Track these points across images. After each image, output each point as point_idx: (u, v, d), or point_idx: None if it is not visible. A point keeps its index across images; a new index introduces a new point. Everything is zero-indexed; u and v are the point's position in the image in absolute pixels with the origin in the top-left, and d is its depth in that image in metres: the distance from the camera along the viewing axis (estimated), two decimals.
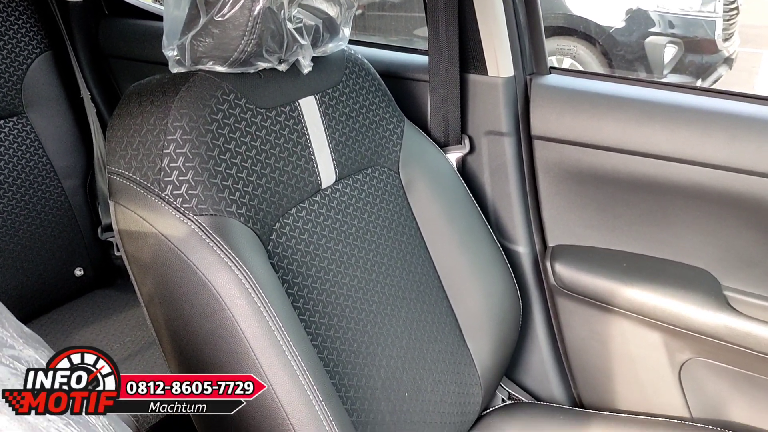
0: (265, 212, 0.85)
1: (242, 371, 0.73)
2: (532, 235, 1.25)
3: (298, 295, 0.86)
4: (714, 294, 1.09)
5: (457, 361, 1.09)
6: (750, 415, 1.13)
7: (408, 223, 1.08)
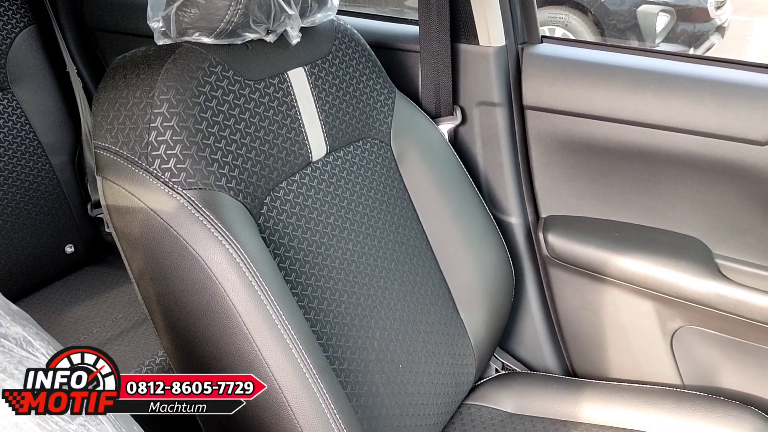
0: (255, 186, 0.84)
1: (234, 345, 0.73)
2: (524, 206, 1.25)
3: (290, 269, 0.86)
4: (705, 262, 1.09)
5: (451, 332, 1.09)
6: (740, 382, 1.14)
7: (400, 195, 1.08)
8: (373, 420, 0.90)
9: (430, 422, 1.02)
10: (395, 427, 0.94)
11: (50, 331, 1.15)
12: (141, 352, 1.17)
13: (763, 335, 1.06)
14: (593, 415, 1.10)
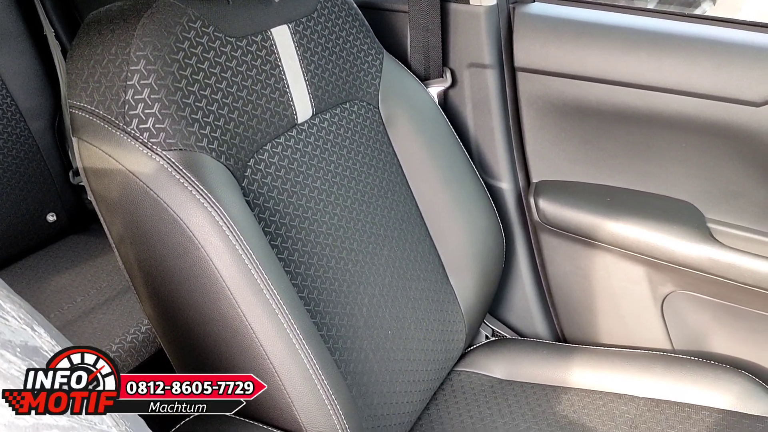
0: (239, 147, 0.81)
1: (218, 311, 0.71)
2: (515, 170, 1.23)
3: (275, 234, 0.83)
4: (697, 226, 1.08)
5: (441, 298, 1.08)
6: (730, 346, 1.14)
7: (389, 159, 1.05)
8: (362, 386, 0.89)
9: (419, 388, 1.01)
10: (385, 393, 0.93)
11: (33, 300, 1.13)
12: (126, 321, 1.15)
13: (754, 299, 1.05)
14: (583, 380, 1.10)
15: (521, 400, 1.08)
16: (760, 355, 1.11)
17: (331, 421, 0.74)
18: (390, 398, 0.94)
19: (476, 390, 1.12)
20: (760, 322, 1.08)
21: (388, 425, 0.93)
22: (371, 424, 0.89)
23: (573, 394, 1.08)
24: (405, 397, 0.97)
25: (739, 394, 1.02)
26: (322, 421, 0.74)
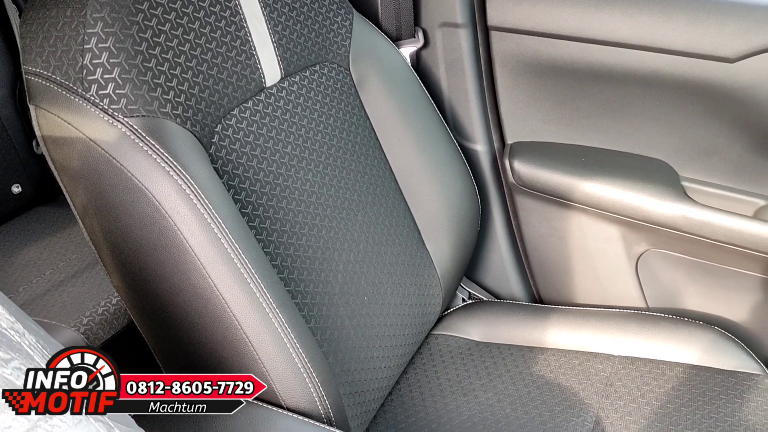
0: (205, 113, 0.78)
1: (188, 282, 0.69)
2: (490, 132, 1.21)
3: (246, 201, 0.81)
4: (672, 185, 1.08)
5: (417, 263, 1.07)
6: (703, 302, 1.15)
7: (361, 123, 1.03)
8: (339, 353, 0.88)
9: (397, 353, 1.01)
10: (362, 359, 0.92)
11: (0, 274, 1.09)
12: (97, 293, 1.12)
13: (726, 256, 1.06)
14: (559, 340, 1.10)
15: (498, 362, 1.09)
16: (732, 311, 1.13)
17: (308, 389, 0.73)
18: (367, 364, 0.93)
19: (454, 353, 1.12)
20: (732, 278, 1.09)
21: (366, 390, 0.93)
22: (349, 390, 0.88)
23: (549, 354, 1.09)
24: (383, 362, 0.97)
25: (712, 349, 1.04)
26: (298, 390, 0.73)
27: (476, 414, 0.99)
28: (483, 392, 1.03)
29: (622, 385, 1.00)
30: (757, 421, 0.91)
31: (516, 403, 1.00)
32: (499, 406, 0.99)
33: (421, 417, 1.00)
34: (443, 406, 1.01)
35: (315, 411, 0.74)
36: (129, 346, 0.97)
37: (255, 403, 0.72)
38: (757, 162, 1.04)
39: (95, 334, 1.05)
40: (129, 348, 0.99)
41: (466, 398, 1.02)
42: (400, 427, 0.98)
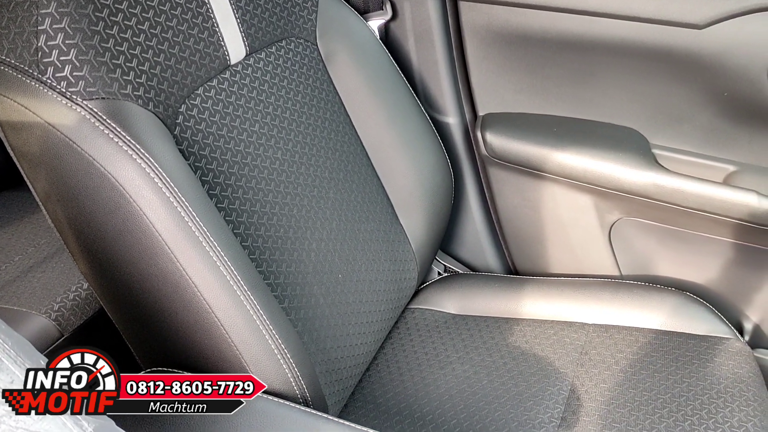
0: (168, 93, 0.76)
1: (156, 266, 0.68)
2: (461, 104, 1.21)
3: (213, 183, 0.80)
4: (643, 153, 1.08)
5: (391, 239, 1.07)
6: (675, 269, 1.16)
7: (330, 99, 1.01)
8: (314, 332, 0.88)
9: (373, 329, 1.01)
10: (338, 336, 0.92)
11: None
12: (67, 278, 1.10)
13: (697, 222, 1.07)
14: (534, 310, 1.11)
15: (474, 334, 1.09)
16: (704, 277, 1.14)
17: (282, 370, 0.73)
18: (343, 341, 0.93)
19: (430, 326, 1.12)
20: (703, 244, 1.11)
21: (343, 368, 0.93)
22: (325, 368, 0.88)
23: (525, 324, 1.09)
24: (359, 338, 0.97)
25: (684, 315, 1.05)
26: (272, 371, 0.72)
27: (453, 386, 0.99)
28: (460, 365, 1.03)
29: (597, 353, 1.01)
30: (728, 384, 0.93)
31: (493, 374, 1.00)
32: (476, 378, 1.00)
33: (399, 391, 1.00)
34: (421, 379, 1.02)
35: (291, 392, 0.74)
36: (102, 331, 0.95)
37: None
38: (726, 128, 1.05)
39: (67, 321, 1.03)
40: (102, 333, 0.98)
41: (443, 371, 1.02)
42: (378, 403, 0.99)
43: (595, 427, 0.89)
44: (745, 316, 1.15)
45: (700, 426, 0.87)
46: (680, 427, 0.88)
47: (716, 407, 0.90)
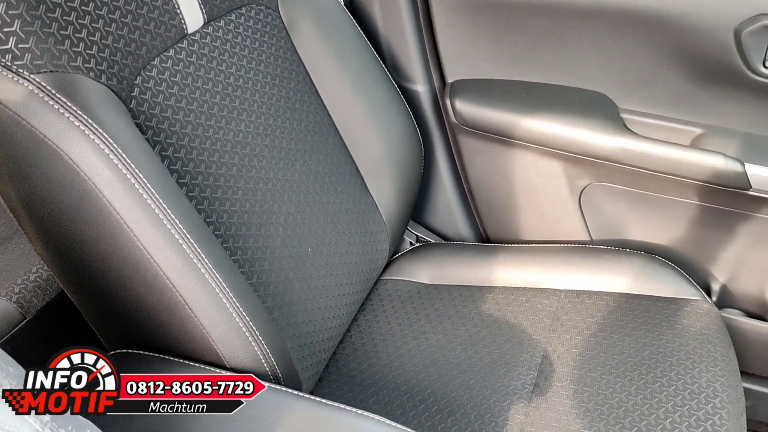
0: (121, 65, 0.73)
1: (116, 246, 0.66)
2: (429, 71, 1.18)
3: (174, 157, 0.77)
4: (611, 117, 1.08)
5: (361, 210, 1.05)
6: (644, 232, 1.17)
7: (294, 68, 0.99)
8: (284, 307, 0.86)
9: (346, 301, 1.00)
10: (309, 311, 0.91)
11: None
12: (28, 260, 1.07)
13: (666, 186, 1.07)
14: (507, 278, 1.11)
15: (447, 303, 1.09)
16: (672, 239, 1.15)
17: (251, 347, 0.72)
18: (315, 315, 0.92)
19: (403, 297, 1.12)
20: (671, 207, 1.11)
21: (316, 341, 0.92)
22: (297, 343, 0.87)
23: (497, 292, 1.09)
24: (331, 312, 0.96)
25: (653, 278, 1.06)
26: (241, 349, 0.71)
27: (427, 356, 0.99)
28: (433, 334, 1.03)
29: (568, 319, 1.02)
30: (696, 345, 0.94)
31: (466, 343, 1.00)
32: (450, 347, 1.00)
33: (373, 363, 1.00)
34: (395, 350, 1.01)
35: (261, 369, 0.73)
36: (66, 312, 0.93)
37: (197, 366, 0.70)
38: (693, 91, 1.04)
39: (29, 303, 1.00)
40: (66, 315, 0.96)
41: (417, 341, 1.02)
42: (353, 375, 0.98)
43: (567, 391, 0.90)
44: (712, 277, 1.16)
45: (670, 387, 0.88)
46: (650, 389, 0.89)
47: (685, 368, 0.91)
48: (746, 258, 1.12)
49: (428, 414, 0.89)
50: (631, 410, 0.86)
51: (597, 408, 0.87)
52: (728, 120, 1.05)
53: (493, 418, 0.87)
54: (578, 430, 0.85)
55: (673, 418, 0.85)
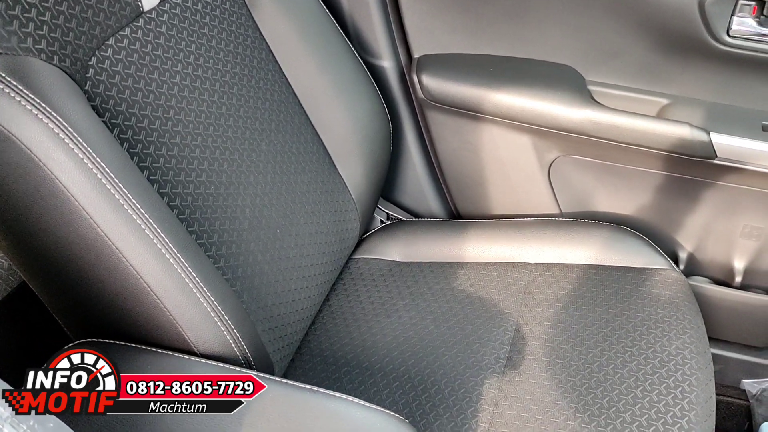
0: (75, 45, 0.70)
1: (76, 233, 0.64)
2: (395, 47, 1.17)
3: (133, 140, 0.75)
4: (579, 90, 1.08)
5: (329, 189, 1.04)
6: (613, 204, 1.18)
7: (257, 46, 0.96)
8: (254, 290, 0.85)
9: (316, 282, 0.99)
10: (279, 293, 0.90)
11: None
12: None
13: (633, 157, 1.08)
14: (478, 253, 1.11)
15: (420, 280, 1.09)
16: (641, 210, 1.16)
17: (220, 332, 0.70)
18: (286, 297, 0.91)
19: (375, 275, 1.11)
20: (639, 178, 1.12)
21: (287, 323, 0.91)
22: (268, 326, 0.86)
23: (469, 268, 1.09)
24: (302, 293, 0.95)
25: (622, 249, 1.07)
26: (210, 334, 0.70)
27: (400, 334, 0.99)
28: (406, 312, 1.03)
29: (540, 292, 1.02)
30: (665, 314, 0.95)
31: (439, 319, 1.00)
32: (423, 324, 1.00)
33: (345, 343, 0.99)
34: (367, 329, 1.01)
35: (231, 354, 0.72)
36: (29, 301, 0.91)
37: (165, 353, 0.68)
38: (658, 61, 1.05)
39: None
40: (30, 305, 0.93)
41: (389, 319, 1.02)
42: (326, 356, 0.98)
43: (540, 364, 0.91)
44: (679, 246, 1.18)
45: (640, 356, 0.90)
46: (621, 358, 0.90)
47: (654, 336, 0.92)
48: (712, 226, 1.13)
49: (402, 392, 0.89)
50: (603, 380, 0.87)
51: (569, 379, 0.88)
52: (694, 90, 1.06)
53: (467, 394, 0.88)
54: (551, 402, 0.85)
55: (643, 386, 0.86)
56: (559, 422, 0.83)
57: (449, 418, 0.85)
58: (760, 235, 1.11)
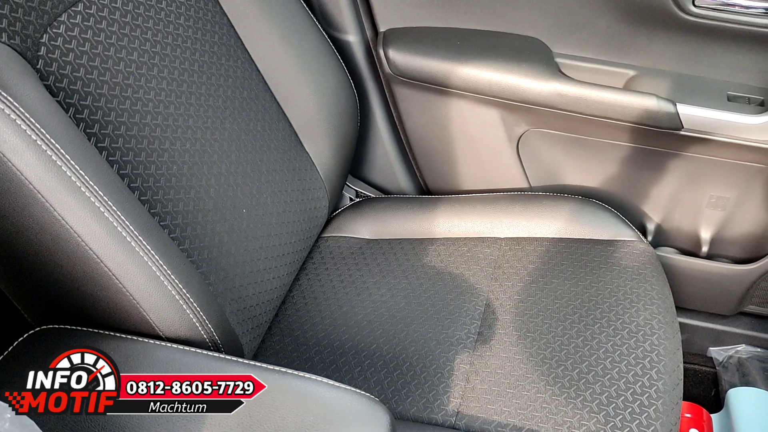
0: (24, 22, 0.67)
1: (31, 218, 0.62)
2: (361, 20, 1.15)
3: (90, 120, 0.72)
4: (546, 62, 1.07)
5: (296, 167, 1.02)
6: (581, 177, 1.18)
7: (217, 20, 0.94)
8: (221, 272, 0.83)
9: (285, 261, 0.98)
10: (247, 273, 0.88)
11: None
12: None
13: (601, 129, 1.08)
14: (448, 229, 1.11)
15: (390, 257, 1.08)
16: (609, 182, 1.16)
17: (186, 315, 0.69)
18: (254, 278, 0.90)
19: (345, 253, 1.10)
20: (607, 151, 1.12)
21: (256, 304, 0.90)
22: (236, 308, 0.85)
23: (439, 243, 1.09)
24: (270, 273, 0.94)
25: (591, 222, 1.08)
26: (175, 318, 0.68)
27: (371, 312, 0.98)
28: (377, 289, 1.02)
29: (510, 266, 1.02)
30: (633, 285, 0.96)
31: (410, 296, 1.00)
32: (393, 302, 1.00)
33: (316, 322, 0.99)
34: (338, 308, 1.00)
35: (197, 337, 0.70)
36: None
37: (129, 338, 0.67)
38: (625, 33, 1.04)
39: None
40: None
41: (360, 297, 1.01)
42: (296, 336, 0.97)
43: (511, 338, 0.91)
44: (647, 217, 1.19)
45: (609, 327, 0.90)
46: (590, 330, 0.91)
47: (623, 308, 0.93)
48: (679, 197, 1.14)
49: (374, 369, 0.89)
50: (573, 352, 0.88)
51: (540, 353, 0.89)
52: (660, 61, 1.06)
53: (439, 370, 0.88)
54: (522, 375, 0.86)
55: (612, 357, 0.87)
56: (530, 395, 0.84)
57: (421, 394, 0.86)
58: (726, 204, 1.12)
